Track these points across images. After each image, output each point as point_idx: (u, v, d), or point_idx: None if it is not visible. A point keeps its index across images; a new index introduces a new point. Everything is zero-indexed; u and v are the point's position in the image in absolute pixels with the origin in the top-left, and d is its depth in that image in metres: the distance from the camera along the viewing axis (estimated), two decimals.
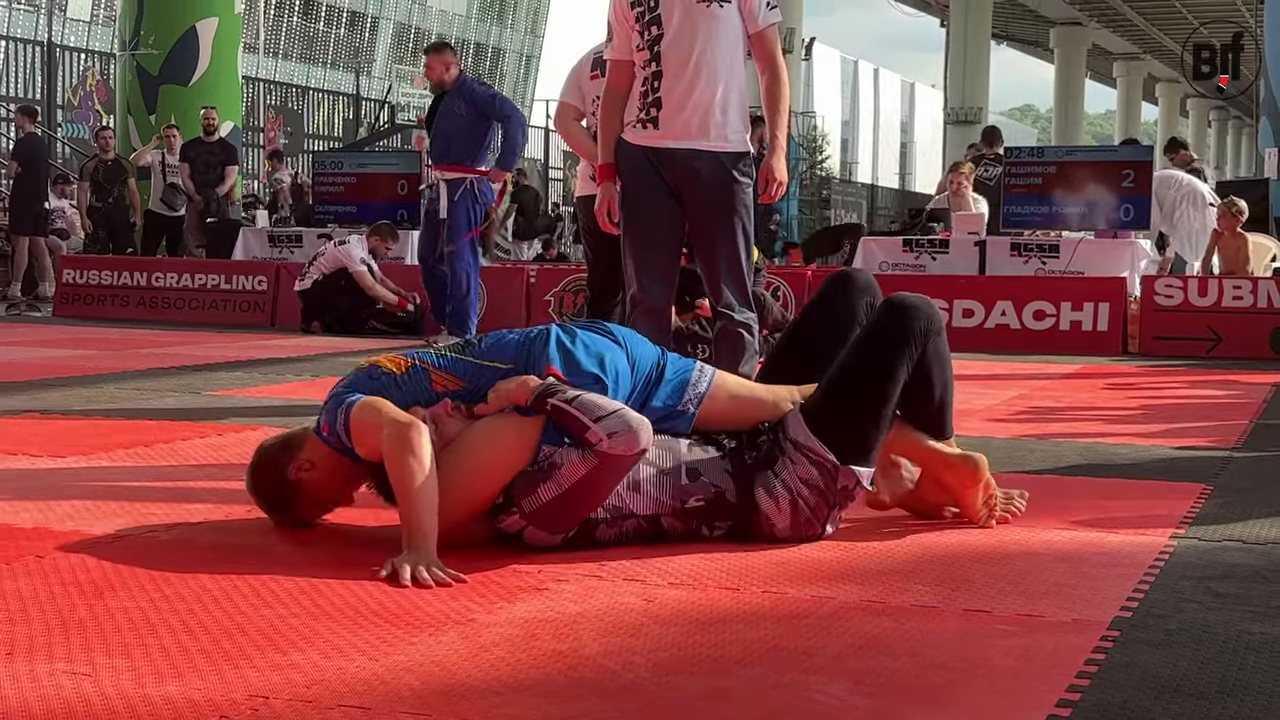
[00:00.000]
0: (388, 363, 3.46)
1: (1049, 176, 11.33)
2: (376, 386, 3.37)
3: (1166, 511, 3.85)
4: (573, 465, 3.17)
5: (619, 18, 4.61)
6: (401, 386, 3.37)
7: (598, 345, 3.45)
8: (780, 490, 3.35)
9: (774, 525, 3.36)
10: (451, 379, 3.39)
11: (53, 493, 3.97)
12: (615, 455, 3.16)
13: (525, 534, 3.24)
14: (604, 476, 3.20)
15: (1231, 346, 9.63)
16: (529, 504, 3.19)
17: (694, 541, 3.35)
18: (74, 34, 39.45)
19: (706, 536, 3.37)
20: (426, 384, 3.38)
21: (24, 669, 2.36)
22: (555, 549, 3.25)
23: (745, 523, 3.36)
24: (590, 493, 3.21)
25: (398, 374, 3.40)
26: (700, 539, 3.37)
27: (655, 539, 3.32)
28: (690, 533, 3.35)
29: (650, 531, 3.32)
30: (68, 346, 9.35)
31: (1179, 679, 2.36)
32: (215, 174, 15.04)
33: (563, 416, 3.18)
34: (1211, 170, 20.59)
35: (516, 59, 61.92)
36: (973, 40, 35.17)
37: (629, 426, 3.16)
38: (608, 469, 3.19)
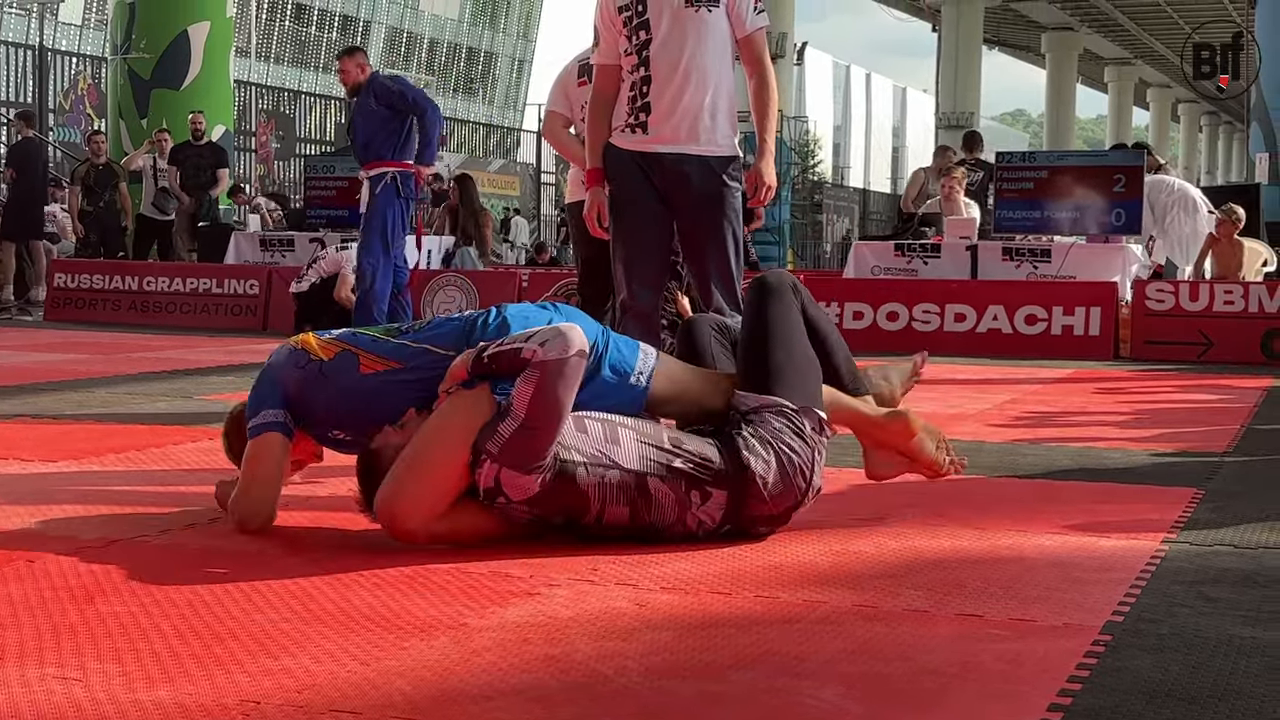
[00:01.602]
0: (317, 348, 3.55)
1: (1041, 181, 11.34)
2: (303, 376, 3.52)
3: (1158, 516, 3.86)
4: (520, 392, 3.21)
5: (606, 23, 4.61)
6: (327, 374, 3.50)
7: (535, 318, 3.54)
8: (761, 447, 3.38)
9: (766, 482, 3.36)
10: (381, 361, 3.49)
11: (44, 497, 3.97)
12: (552, 360, 3.21)
13: (501, 482, 3.21)
14: (551, 387, 3.20)
15: (1223, 351, 9.65)
16: (493, 444, 3.20)
17: (686, 541, 3.34)
18: (65, 38, 39.42)
19: (697, 533, 3.37)
20: (354, 368, 3.49)
21: (14, 674, 2.35)
22: (550, 528, 3.28)
23: (737, 488, 3.36)
24: (546, 411, 3.20)
25: (325, 360, 3.52)
26: (690, 534, 3.36)
27: (648, 535, 3.33)
28: (681, 505, 3.33)
29: (637, 493, 3.29)
30: (59, 350, 9.34)
31: (1170, 684, 2.36)
32: (205, 177, 15.02)
33: (499, 360, 3.26)
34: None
35: (509, 63, 61.93)
36: (964, 45, 35.23)
37: (557, 332, 3.26)
38: (552, 377, 3.20)
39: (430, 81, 54.72)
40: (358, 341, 3.57)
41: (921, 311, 10.44)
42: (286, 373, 3.55)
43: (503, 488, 3.22)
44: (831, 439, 3.59)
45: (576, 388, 3.27)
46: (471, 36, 59.76)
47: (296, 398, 3.53)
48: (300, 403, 3.53)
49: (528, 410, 3.19)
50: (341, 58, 8.65)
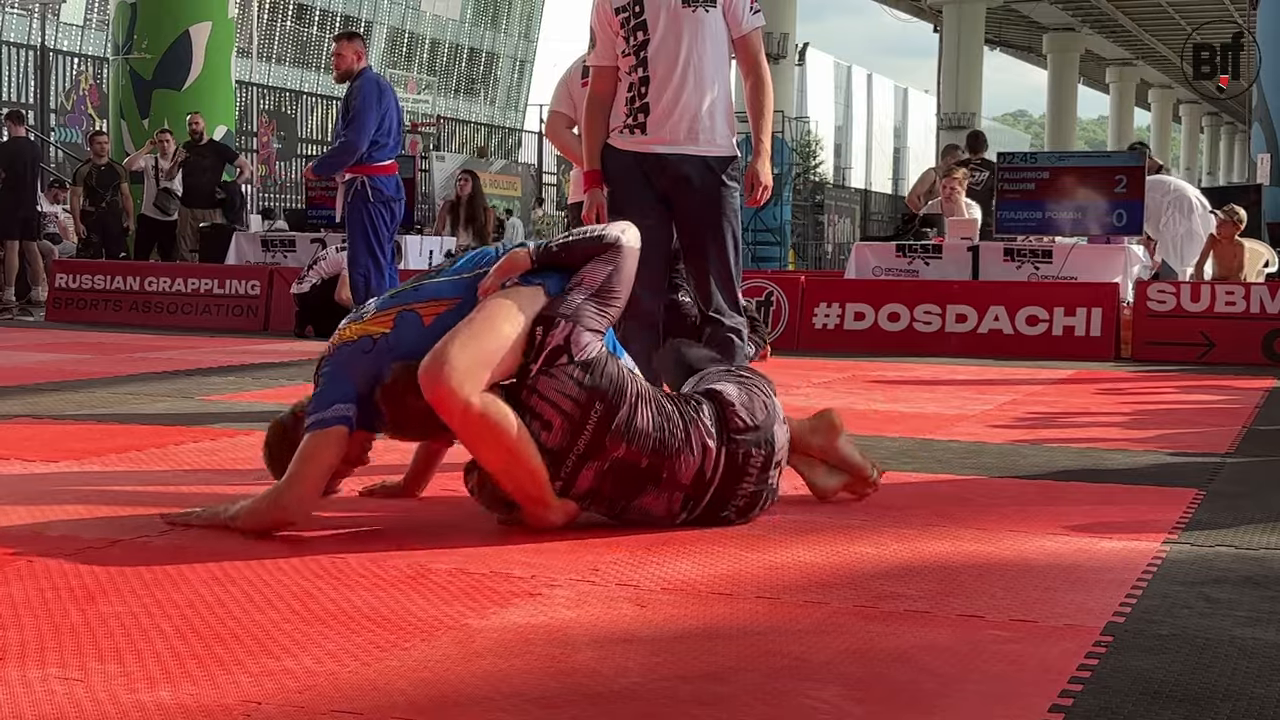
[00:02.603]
0: (375, 327, 3.57)
1: (1042, 182, 11.34)
2: (375, 355, 3.51)
3: (1159, 517, 3.86)
4: (595, 269, 3.56)
5: (602, 24, 4.62)
6: (393, 344, 3.51)
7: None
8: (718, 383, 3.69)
9: (735, 403, 3.60)
10: (438, 303, 3.56)
11: (45, 497, 3.97)
12: (630, 248, 3.61)
13: (571, 339, 3.43)
14: (627, 267, 3.59)
15: (1224, 352, 9.64)
16: (566, 308, 3.47)
17: (695, 485, 3.35)
18: (67, 38, 39.44)
19: (704, 464, 3.51)
20: (418, 323, 3.53)
21: (15, 674, 2.35)
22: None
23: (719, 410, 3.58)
24: (619, 286, 3.57)
25: (388, 333, 3.54)
26: (699, 469, 3.51)
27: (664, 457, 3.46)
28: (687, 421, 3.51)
29: (657, 405, 3.49)
30: (60, 351, 9.34)
31: (1172, 684, 2.36)
32: (207, 178, 15.01)
33: (572, 250, 3.59)
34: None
35: (510, 63, 61.95)
36: (966, 46, 35.23)
37: (624, 226, 3.68)
38: (627, 259, 3.59)
39: (431, 82, 54.77)
40: (405, 298, 3.60)
41: (923, 312, 10.44)
42: (354, 364, 3.52)
43: (570, 346, 3.42)
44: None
45: (633, 280, 3.62)
46: (473, 37, 59.78)
47: (369, 379, 3.48)
48: (375, 379, 3.48)
49: (602, 283, 3.53)
50: (339, 40, 8.56)
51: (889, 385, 7.81)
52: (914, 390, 7.57)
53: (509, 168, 28.45)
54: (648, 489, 3.50)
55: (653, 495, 3.52)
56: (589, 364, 3.42)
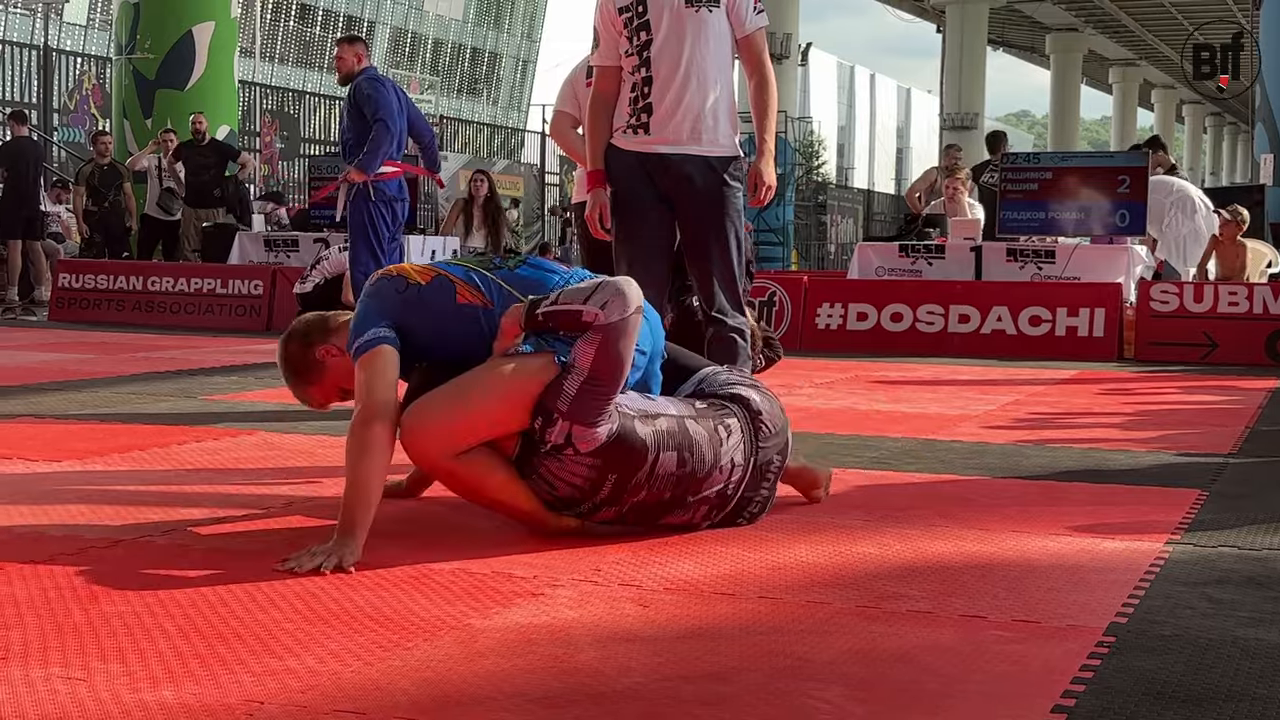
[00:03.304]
0: (414, 273, 3.55)
1: (1045, 182, 11.34)
2: (404, 300, 3.48)
3: (1162, 517, 3.86)
4: (583, 351, 3.33)
5: (606, 24, 4.62)
6: (425, 301, 3.49)
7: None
8: (741, 388, 3.67)
9: (761, 409, 3.62)
10: (475, 293, 3.51)
11: (48, 497, 3.97)
12: (615, 323, 3.34)
13: (573, 436, 3.30)
14: (614, 345, 3.34)
15: (1227, 352, 9.64)
16: (562, 403, 3.31)
17: (717, 499, 3.35)
18: (70, 38, 39.46)
19: (728, 482, 3.51)
20: (451, 295, 3.50)
21: (19, 673, 2.35)
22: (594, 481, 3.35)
23: (747, 417, 3.58)
24: (610, 367, 3.33)
25: (423, 284, 3.51)
26: (723, 487, 3.51)
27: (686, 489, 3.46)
28: (714, 442, 3.48)
29: (682, 437, 3.43)
30: (63, 350, 9.35)
31: (1174, 685, 2.36)
32: (209, 176, 15.02)
33: (556, 319, 3.36)
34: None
35: (513, 64, 61.96)
36: (969, 46, 35.22)
37: (616, 290, 3.37)
38: (613, 339, 3.34)
39: (434, 82, 54.77)
40: (452, 271, 3.58)
41: (925, 312, 10.44)
42: (388, 297, 3.50)
43: (573, 440, 3.31)
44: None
45: (635, 341, 3.41)
46: (476, 37, 59.79)
47: (400, 321, 3.47)
48: (402, 326, 3.47)
49: (591, 367, 3.32)
50: (340, 44, 8.57)
51: (891, 385, 7.81)
52: (916, 390, 7.57)
53: (512, 168, 28.45)
54: (673, 513, 3.51)
55: (676, 516, 3.53)
56: (599, 450, 3.33)
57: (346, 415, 3.49)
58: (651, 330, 3.66)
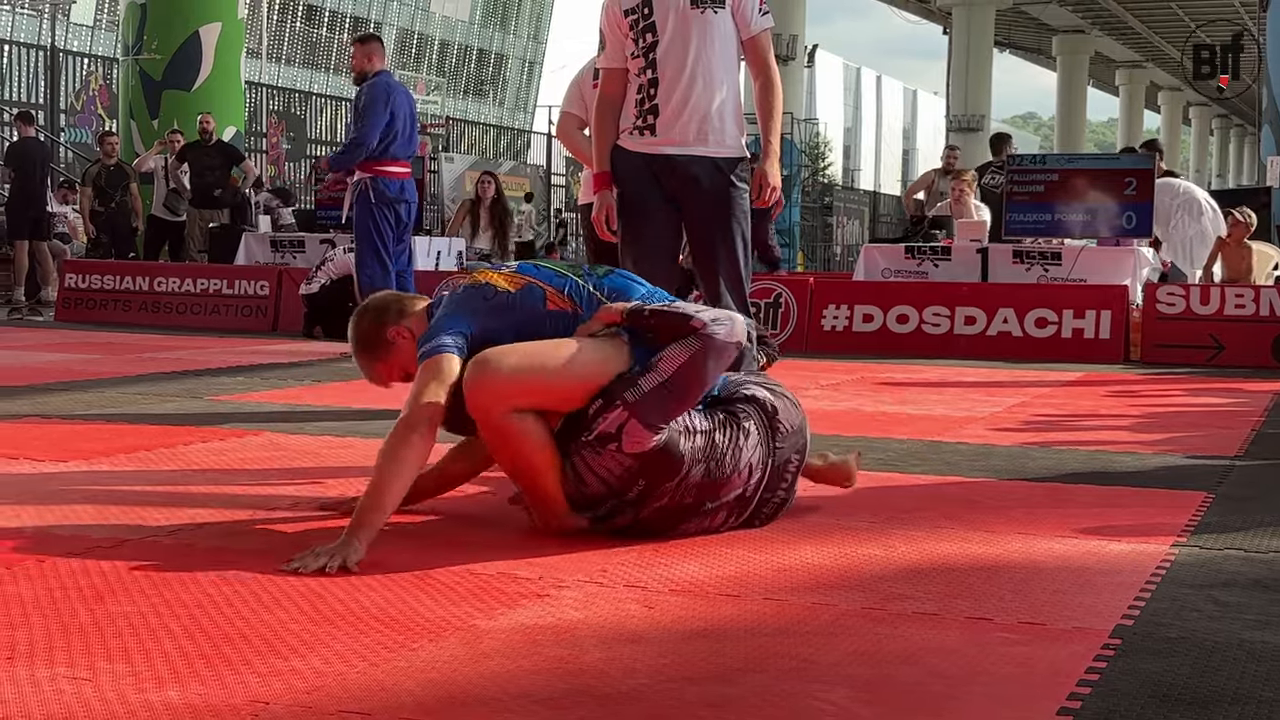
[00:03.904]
0: (502, 280, 3.56)
1: (1051, 184, 11.33)
2: (491, 307, 3.50)
3: (1168, 520, 3.85)
4: (673, 355, 3.33)
5: (611, 25, 4.62)
6: (515, 307, 3.51)
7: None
8: (753, 388, 3.64)
9: (776, 408, 3.59)
10: (564, 300, 3.53)
11: (54, 497, 3.97)
12: (718, 340, 3.36)
13: (624, 431, 3.29)
14: (705, 361, 3.35)
15: (1233, 355, 9.63)
16: (631, 394, 3.30)
17: (736, 504, 3.35)
18: (77, 38, 39.52)
19: (748, 486, 3.50)
20: (541, 301, 3.52)
21: (24, 673, 2.35)
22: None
23: (763, 419, 3.56)
24: (691, 380, 3.34)
25: (513, 291, 3.53)
26: (742, 491, 3.50)
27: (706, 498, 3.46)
28: (736, 449, 3.45)
29: (712, 450, 3.42)
30: (70, 351, 9.36)
31: (1180, 688, 2.35)
32: (213, 177, 15.03)
33: (663, 319, 3.38)
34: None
35: (519, 65, 62.00)
36: (975, 47, 35.21)
37: (730, 317, 3.45)
38: (709, 354, 3.35)
39: (440, 83, 54.81)
40: (540, 275, 3.59)
41: (931, 314, 10.43)
42: (475, 304, 3.52)
43: (622, 435, 3.30)
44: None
45: (723, 370, 3.43)
46: (482, 38, 59.84)
47: (483, 329, 3.48)
48: (487, 331, 3.48)
49: (675, 373, 3.33)
50: (353, 43, 8.65)
51: (897, 387, 7.81)
52: (922, 392, 7.57)
53: (518, 169, 28.46)
54: (690, 519, 3.50)
55: (693, 523, 3.52)
56: (641, 455, 3.33)
57: (352, 416, 3.50)
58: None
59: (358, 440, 5.12)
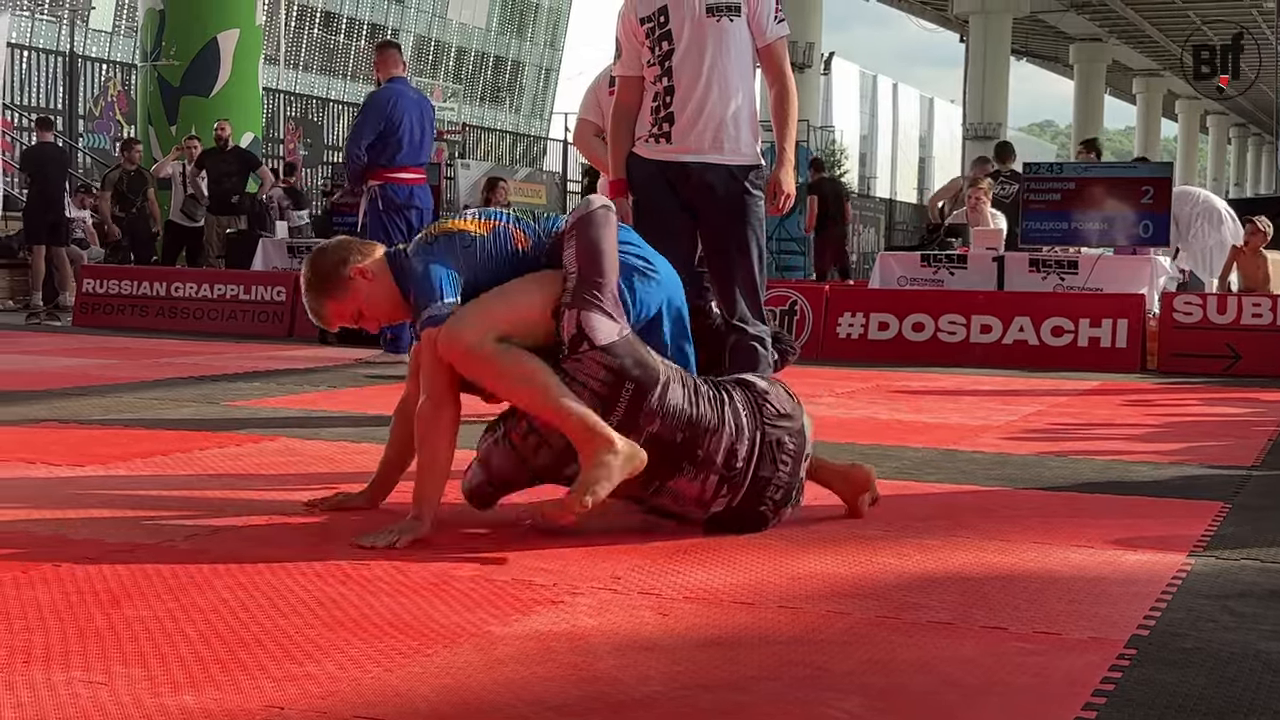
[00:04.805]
0: (474, 226, 3.69)
1: (1068, 193, 11.31)
2: (469, 254, 3.63)
3: (1184, 530, 3.84)
4: (569, 252, 3.58)
5: (627, 34, 4.64)
6: (488, 249, 3.64)
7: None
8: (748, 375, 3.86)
9: (767, 391, 3.69)
10: (526, 239, 3.69)
11: (70, 502, 3.99)
12: (582, 214, 3.60)
13: (582, 325, 3.46)
14: (587, 234, 3.56)
15: (1250, 364, 9.59)
16: (565, 297, 3.51)
17: (724, 477, 3.35)
18: (96, 45, 39.68)
19: (737, 448, 3.54)
20: (509, 241, 3.67)
21: (40, 677, 2.36)
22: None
23: (750, 396, 3.66)
24: (591, 255, 3.54)
25: (484, 235, 3.67)
26: (730, 453, 3.53)
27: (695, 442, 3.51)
28: (718, 401, 3.57)
29: (693, 383, 3.58)
30: (87, 356, 9.39)
31: (1196, 698, 2.35)
32: (230, 184, 15.08)
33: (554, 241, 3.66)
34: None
35: (536, 72, 62.08)
36: (992, 55, 35.15)
37: (583, 200, 3.72)
38: (586, 228, 3.57)
39: (457, 90, 54.91)
40: (508, 219, 3.73)
41: (947, 322, 10.41)
42: (454, 253, 3.62)
43: (584, 331, 3.46)
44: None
45: (613, 233, 3.61)
46: (499, 45, 59.93)
47: (468, 273, 3.61)
48: (472, 277, 3.60)
49: (578, 261, 3.53)
50: (375, 51, 8.76)
51: (913, 395, 7.80)
52: (938, 401, 7.56)
53: (534, 176, 28.50)
54: (684, 468, 3.53)
55: (688, 478, 3.54)
56: (609, 348, 3.46)
57: (368, 422, 3.52)
58: (670, 272, 3.80)
59: (373, 446, 5.13)
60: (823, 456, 4.01)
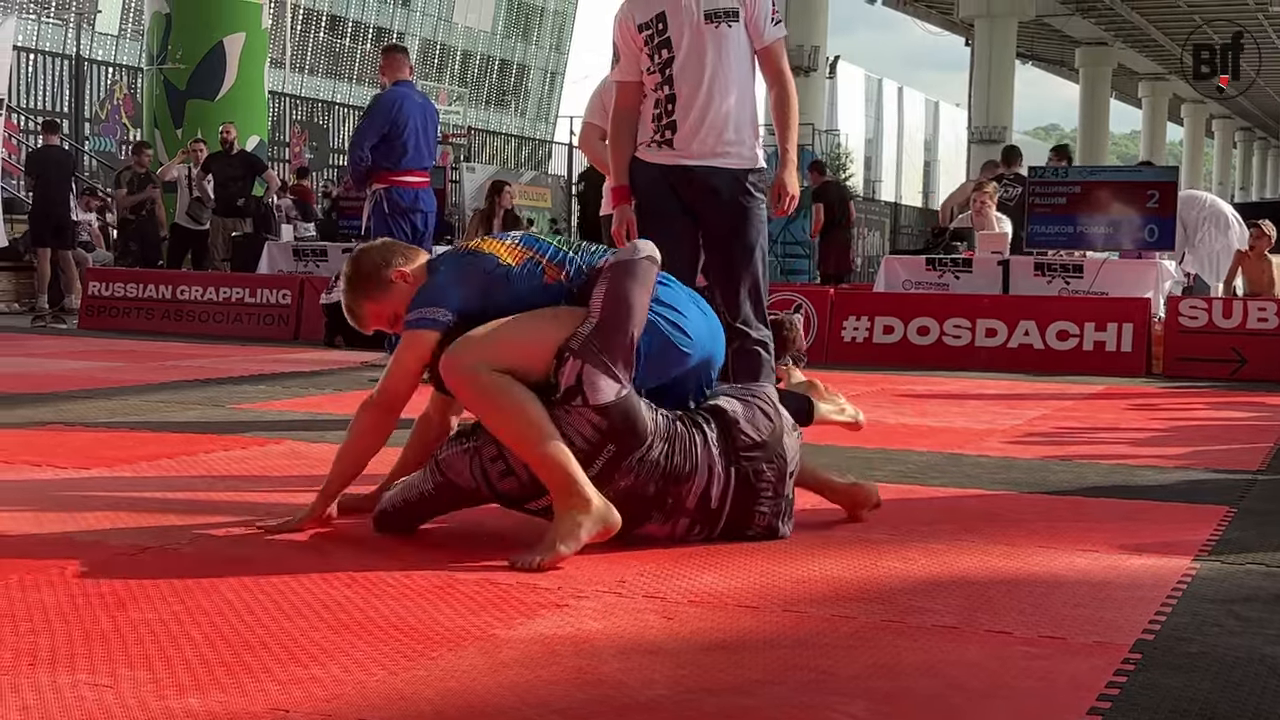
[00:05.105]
0: (505, 254, 3.62)
1: (1073, 196, 11.30)
2: (493, 279, 3.57)
3: (1189, 534, 3.84)
4: (595, 295, 3.47)
5: (625, 40, 4.64)
6: (515, 280, 3.57)
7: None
8: (721, 400, 3.66)
9: (739, 416, 3.59)
10: (559, 270, 3.60)
11: (76, 504, 3.99)
12: (624, 262, 3.51)
13: (582, 380, 3.37)
14: (621, 285, 3.45)
15: (1255, 368, 9.58)
16: (574, 342, 3.40)
17: (701, 505, 3.35)
18: (102, 48, 39.75)
19: (710, 486, 3.49)
20: (539, 276, 3.58)
21: (46, 679, 2.37)
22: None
23: (724, 427, 3.56)
24: (619, 307, 3.42)
25: (513, 266, 3.59)
26: (705, 490, 3.49)
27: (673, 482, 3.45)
28: (700, 445, 3.48)
29: (673, 433, 3.47)
30: (92, 358, 9.40)
31: (1200, 703, 2.34)
32: (236, 187, 15.10)
33: (584, 280, 3.55)
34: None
35: (541, 75, 62.11)
36: (997, 59, 35.11)
37: (630, 244, 3.65)
38: (622, 278, 3.47)
39: (463, 93, 54.94)
40: (542, 249, 3.65)
41: (952, 326, 10.41)
42: (475, 274, 3.58)
43: (582, 386, 3.36)
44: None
45: (648, 289, 3.50)
46: (504, 49, 59.98)
47: (481, 299, 3.55)
48: (486, 301, 3.55)
49: (603, 309, 3.43)
50: (382, 54, 8.78)
51: (918, 399, 7.79)
52: (943, 404, 7.55)
53: (539, 179, 28.52)
54: (653, 516, 3.49)
55: (657, 524, 3.51)
56: (604, 409, 3.37)
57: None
58: (710, 331, 3.72)
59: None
60: (829, 473, 3.98)
